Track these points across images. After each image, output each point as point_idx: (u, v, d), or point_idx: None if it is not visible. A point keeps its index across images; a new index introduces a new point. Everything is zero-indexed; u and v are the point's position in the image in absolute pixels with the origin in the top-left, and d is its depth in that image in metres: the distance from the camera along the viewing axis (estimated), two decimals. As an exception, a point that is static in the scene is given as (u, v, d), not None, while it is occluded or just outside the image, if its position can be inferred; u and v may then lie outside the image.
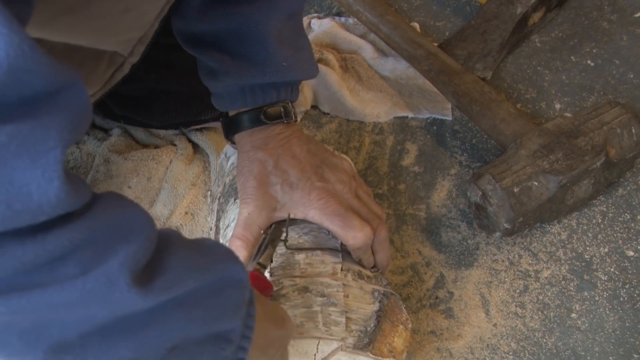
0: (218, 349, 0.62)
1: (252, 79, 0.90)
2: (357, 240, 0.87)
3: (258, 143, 0.92)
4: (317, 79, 1.29)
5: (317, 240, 0.88)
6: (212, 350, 0.61)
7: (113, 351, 0.55)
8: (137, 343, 0.56)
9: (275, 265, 0.85)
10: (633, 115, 1.10)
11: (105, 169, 1.20)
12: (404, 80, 1.31)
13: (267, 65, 0.90)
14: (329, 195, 0.89)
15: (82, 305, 0.51)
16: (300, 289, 0.81)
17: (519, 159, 1.06)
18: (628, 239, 1.09)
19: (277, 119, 0.92)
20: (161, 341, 0.57)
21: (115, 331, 0.54)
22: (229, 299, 0.62)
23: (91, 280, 0.51)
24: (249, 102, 0.92)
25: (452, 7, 1.43)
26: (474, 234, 1.11)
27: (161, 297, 0.55)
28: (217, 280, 0.61)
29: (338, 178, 0.92)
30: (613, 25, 1.36)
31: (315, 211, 0.88)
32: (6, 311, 0.50)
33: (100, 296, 0.51)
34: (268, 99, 0.92)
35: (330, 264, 0.85)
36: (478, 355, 0.99)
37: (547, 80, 1.29)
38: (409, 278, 1.07)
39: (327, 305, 0.80)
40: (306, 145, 0.93)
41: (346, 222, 0.87)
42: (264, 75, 0.90)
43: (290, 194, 0.90)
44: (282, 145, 0.92)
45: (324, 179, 0.91)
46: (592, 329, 1.01)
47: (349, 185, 0.92)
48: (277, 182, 0.90)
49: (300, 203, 0.89)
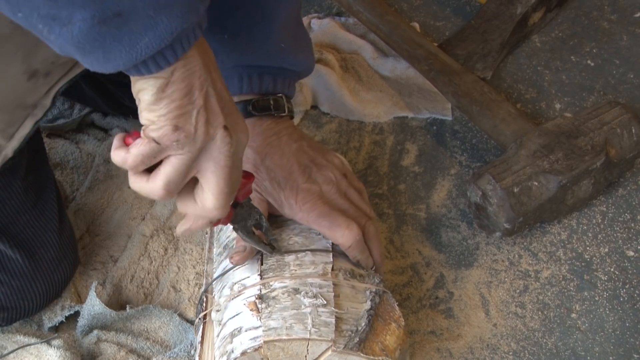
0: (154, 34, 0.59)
1: (253, 59, 0.89)
2: (346, 239, 0.87)
3: None
4: (317, 79, 1.29)
5: (307, 241, 0.88)
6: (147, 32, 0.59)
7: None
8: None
9: (266, 268, 0.84)
10: (633, 115, 1.10)
11: (105, 169, 1.21)
12: (404, 80, 1.31)
13: (267, 45, 0.89)
14: (315, 197, 0.89)
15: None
16: (290, 290, 0.81)
17: (519, 159, 1.06)
18: (628, 239, 1.09)
19: (265, 111, 0.91)
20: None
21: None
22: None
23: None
24: (244, 88, 0.91)
25: (452, 7, 1.43)
26: (474, 234, 1.11)
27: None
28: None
29: (325, 178, 0.91)
30: (613, 25, 1.36)
31: (302, 214, 0.89)
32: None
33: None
34: (264, 88, 0.91)
35: (320, 265, 0.85)
36: (478, 355, 0.99)
37: (547, 80, 1.29)
38: (409, 278, 1.07)
39: (317, 306, 0.80)
40: (295, 143, 0.92)
41: (333, 222, 0.87)
42: (265, 56, 0.89)
43: (279, 192, 0.90)
44: (270, 143, 0.91)
45: (310, 180, 0.90)
46: (592, 329, 1.01)
47: (336, 185, 0.92)
48: (266, 178, 0.90)
49: (288, 205, 0.89)
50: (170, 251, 1.11)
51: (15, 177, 0.98)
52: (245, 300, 0.82)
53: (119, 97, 1.19)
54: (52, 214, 1.02)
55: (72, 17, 0.55)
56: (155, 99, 0.63)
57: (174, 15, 0.59)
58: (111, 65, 0.59)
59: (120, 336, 1.01)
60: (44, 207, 1.01)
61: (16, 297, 0.99)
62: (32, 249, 0.99)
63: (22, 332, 1.01)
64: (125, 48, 0.58)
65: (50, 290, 1.02)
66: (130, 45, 0.58)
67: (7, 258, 0.97)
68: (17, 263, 0.98)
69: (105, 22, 0.56)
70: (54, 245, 1.01)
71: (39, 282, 1.00)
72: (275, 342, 0.77)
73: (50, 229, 1.01)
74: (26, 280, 0.99)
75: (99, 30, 0.56)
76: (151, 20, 0.58)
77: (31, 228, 0.99)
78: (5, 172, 0.96)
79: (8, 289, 0.98)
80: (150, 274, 1.09)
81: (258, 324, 0.79)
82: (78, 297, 1.07)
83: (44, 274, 1.00)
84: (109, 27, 0.56)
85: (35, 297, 1.00)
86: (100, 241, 1.14)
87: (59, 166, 1.21)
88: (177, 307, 1.05)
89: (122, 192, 1.18)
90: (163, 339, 1.02)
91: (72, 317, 1.04)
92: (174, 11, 0.59)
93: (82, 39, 0.56)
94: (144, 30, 0.58)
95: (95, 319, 1.01)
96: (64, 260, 1.03)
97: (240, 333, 0.80)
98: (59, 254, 1.02)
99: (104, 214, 1.17)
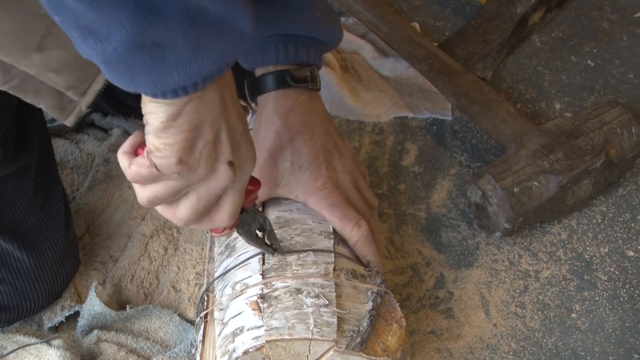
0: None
1: (288, 27, 0.88)
2: (354, 234, 0.88)
3: (279, 109, 0.90)
4: (317, 79, 1.29)
5: (309, 241, 0.88)
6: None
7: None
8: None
9: (268, 268, 0.85)
10: (633, 115, 1.10)
11: (105, 169, 1.21)
12: (404, 80, 1.31)
13: (303, 15, 0.88)
14: (332, 185, 0.90)
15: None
16: (292, 290, 0.81)
17: (519, 159, 1.06)
18: (628, 239, 1.09)
19: (302, 83, 0.90)
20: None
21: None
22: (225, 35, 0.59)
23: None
24: (281, 58, 0.90)
25: (452, 7, 1.43)
26: (474, 234, 1.11)
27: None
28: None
29: (344, 166, 0.93)
30: (613, 25, 1.36)
31: (316, 199, 0.90)
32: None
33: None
34: (299, 58, 0.90)
35: (322, 265, 0.85)
36: (478, 355, 0.99)
37: (547, 80, 1.29)
38: (409, 278, 1.07)
39: (319, 306, 0.80)
40: (325, 125, 0.93)
41: (345, 215, 0.89)
42: (300, 25, 0.88)
43: (298, 174, 0.90)
44: (303, 122, 0.91)
45: (331, 167, 0.91)
46: (592, 329, 1.01)
47: (351, 175, 0.93)
48: (289, 159, 0.90)
49: (304, 187, 0.90)
50: (170, 251, 1.11)
51: (26, 178, 0.98)
52: (247, 299, 0.82)
53: (122, 97, 1.19)
54: (59, 215, 1.02)
55: (110, 35, 0.54)
56: (164, 126, 0.61)
57: (209, 60, 0.58)
58: (132, 87, 0.58)
59: (120, 336, 1.01)
60: (52, 208, 1.02)
61: (19, 297, 0.99)
62: (38, 250, 0.99)
63: (22, 332, 1.01)
64: (152, 78, 0.57)
65: (52, 291, 1.02)
66: (158, 76, 0.57)
67: (13, 258, 0.98)
68: (23, 263, 0.98)
69: (142, 48, 0.55)
70: (60, 246, 1.01)
71: (42, 283, 1.00)
72: (277, 342, 0.77)
73: (57, 230, 1.01)
74: (30, 280, 0.99)
75: (133, 54, 0.55)
76: (187, 59, 0.57)
77: (39, 229, 1.00)
78: (17, 174, 0.97)
79: (12, 288, 0.98)
80: (150, 274, 1.09)
81: (260, 323, 0.79)
82: (78, 297, 1.07)
83: (48, 275, 1.00)
84: (143, 54, 0.55)
85: (38, 297, 1.01)
86: (100, 241, 1.14)
87: (59, 166, 1.21)
88: (177, 307, 1.05)
89: (122, 192, 1.18)
90: (163, 339, 1.02)
91: (72, 317, 1.04)
92: (211, 56, 0.58)
93: (114, 58, 0.55)
94: (177, 67, 0.57)
95: (95, 319, 1.01)
96: (67, 261, 1.03)
97: (242, 332, 0.80)
98: (62, 255, 1.02)
99: (104, 214, 1.17)
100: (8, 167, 0.95)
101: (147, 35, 0.54)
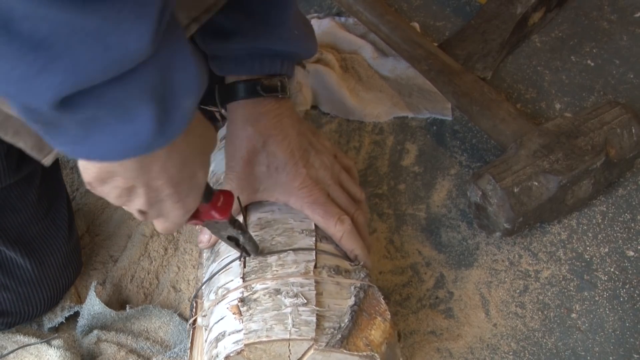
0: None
1: (267, 42, 0.89)
2: (338, 230, 0.88)
3: (250, 117, 0.91)
4: (317, 79, 1.29)
5: (290, 241, 0.88)
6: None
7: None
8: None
9: (248, 271, 0.84)
10: (633, 115, 1.10)
11: (105, 169, 1.20)
12: (404, 80, 1.31)
13: (282, 31, 0.89)
14: (312, 183, 0.90)
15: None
16: (271, 292, 0.81)
17: (519, 159, 1.06)
18: (628, 239, 1.09)
19: (273, 92, 0.91)
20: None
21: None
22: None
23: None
24: (255, 69, 0.91)
25: (452, 7, 1.43)
26: (474, 234, 1.11)
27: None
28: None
29: (322, 163, 0.93)
30: (613, 25, 1.36)
31: (296, 198, 0.90)
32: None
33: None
34: (273, 69, 0.91)
35: (302, 263, 0.84)
36: (478, 355, 0.99)
37: (547, 80, 1.29)
38: (409, 278, 1.07)
39: (298, 305, 0.79)
40: (297, 126, 0.93)
41: (327, 212, 0.89)
42: (277, 40, 0.89)
43: (275, 177, 0.90)
44: (274, 125, 0.91)
45: (308, 164, 0.91)
46: (592, 329, 1.01)
47: (331, 170, 0.93)
48: (264, 163, 0.90)
49: (283, 188, 0.90)
50: (170, 251, 1.11)
51: (31, 186, 0.98)
52: (229, 304, 0.82)
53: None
54: (62, 222, 1.02)
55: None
56: (96, 185, 0.66)
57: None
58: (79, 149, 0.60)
59: (120, 336, 1.01)
60: (56, 215, 1.02)
61: (21, 303, 0.99)
62: (41, 257, 0.99)
63: (22, 332, 1.01)
64: (108, 139, 0.58)
65: (54, 296, 1.02)
66: (113, 135, 0.58)
67: (16, 265, 0.97)
68: (26, 270, 0.98)
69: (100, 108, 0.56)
70: (62, 252, 1.01)
71: (44, 289, 1.00)
72: (256, 345, 0.77)
73: (60, 237, 1.01)
74: (32, 287, 0.99)
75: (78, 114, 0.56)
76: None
77: (42, 237, 1.00)
78: (21, 182, 0.96)
79: (14, 295, 0.98)
80: (150, 273, 1.09)
81: (240, 327, 0.78)
82: (78, 297, 1.07)
83: (50, 281, 1.00)
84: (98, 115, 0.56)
85: (39, 303, 1.00)
86: (100, 241, 1.14)
87: (59, 166, 1.21)
88: (177, 307, 1.05)
89: (122, 192, 1.18)
90: (163, 339, 1.02)
91: (72, 317, 1.04)
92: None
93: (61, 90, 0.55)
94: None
95: (95, 319, 1.01)
96: (69, 266, 1.03)
97: (224, 337, 0.79)
98: (65, 261, 1.02)
99: (104, 214, 1.17)
100: (12, 178, 0.95)
101: (96, 79, 0.54)
